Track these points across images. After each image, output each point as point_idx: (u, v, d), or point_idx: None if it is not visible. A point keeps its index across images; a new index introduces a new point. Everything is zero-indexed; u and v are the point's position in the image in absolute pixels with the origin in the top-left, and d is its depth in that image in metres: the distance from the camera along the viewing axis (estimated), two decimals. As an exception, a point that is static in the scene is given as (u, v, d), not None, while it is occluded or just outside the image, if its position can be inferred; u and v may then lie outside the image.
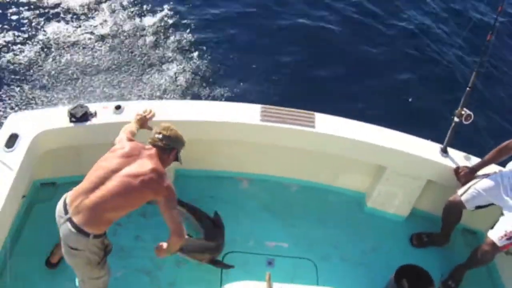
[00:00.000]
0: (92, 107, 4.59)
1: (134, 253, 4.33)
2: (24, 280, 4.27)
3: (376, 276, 4.62)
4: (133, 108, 4.59)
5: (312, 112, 4.85)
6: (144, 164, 3.65)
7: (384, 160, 4.86)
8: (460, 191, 4.59)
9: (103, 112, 4.58)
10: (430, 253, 4.95)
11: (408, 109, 7.80)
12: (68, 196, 3.61)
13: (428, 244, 5.01)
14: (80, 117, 4.49)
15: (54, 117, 4.55)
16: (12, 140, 4.31)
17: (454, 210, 4.67)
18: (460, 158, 4.80)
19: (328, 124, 4.77)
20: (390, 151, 4.68)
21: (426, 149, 4.79)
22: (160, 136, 3.81)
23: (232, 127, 4.71)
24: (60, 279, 4.32)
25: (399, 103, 7.96)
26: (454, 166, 4.72)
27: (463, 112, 4.58)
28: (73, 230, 3.49)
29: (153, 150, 3.79)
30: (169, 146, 3.84)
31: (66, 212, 3.54)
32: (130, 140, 3.88)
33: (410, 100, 7.83)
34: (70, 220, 3.51)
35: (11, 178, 4.06)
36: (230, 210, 5.04)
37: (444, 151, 4.79)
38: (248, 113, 4.77)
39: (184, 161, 3.96)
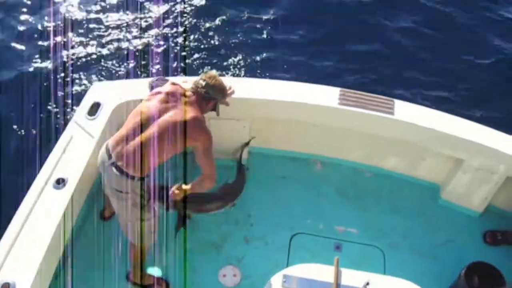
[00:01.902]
0: (172, 80, 4.67)
1: (204, 226, 4.42)
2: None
3: (446, 270, 4.54)
4: (213, 84, 4.65)
5: (391, 99, 4.77)
6: (182, 112, 3.74)
7: (462, 152, 4.72)
8: None
9: (183, 85, 4.65)
10: (503, 252, 4.79)
11: (491, 99, 7.55)
12: (110, 141, 3.76)
13: (502, 242, 4.85)
14: (160, 89, 4.59)
15: (136, 88, 4.67)
16: (94, 108, 4.47)
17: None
18: (543, 156, 4.61)
19: (407, 112, 4.67)
20: (469, 143, 4.55)
21: (508, 144, 4.62)
22: (204, 83, 3.89)
23: (309, 109, 4.70)
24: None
25: (481, 91, 7.70)
26: None
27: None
28: (117, 173, 3.66)
29: (193, 97, 3.88)
30: (209, 95, 3.91)
31: (109, 157, 3.70)
32: (172, 83, 4.01)
33: (494, 90, 7.61)
34: (114, 164, 3.66)
35: (92, 145, 4.21)
36: (302, 191, 5.07)
37: None
38: (326, 95, 4.73)
39: (259, 139, 4.01)
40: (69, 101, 6.88)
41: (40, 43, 7.68)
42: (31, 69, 7.33)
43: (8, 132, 6.48)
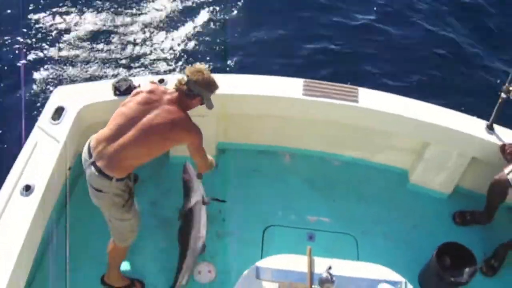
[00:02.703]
0: (136, 81, 4.65)
1: (175, 225, 4.39)
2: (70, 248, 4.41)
3: (418, 253, 4.60)
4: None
5: (355, 87, 4.81)
6: (163, 113, 3.68)
7: (428, 136, 4.79)
8: (506, 170, 4.49)
9: (148, 85, 4.62)
10: (473, 232, 4.88)
11: (452, 84, 7.65)
12: (92, 140, 3.73)
13: (471, 222, 4.93)
14: (124, 90, 4.56)
15: (99, 91, 4.64)
16: (58, 113, 4.42)
17: (499, 188, 4.56)
18: (506, 136, 4.67)
19: (371, 99, 4.72)
20: (434, 126, 4.61)
21: (472, 125, 4.70)
22: (186, 79, 3.78)
23: (274, 101, 4.71)
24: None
25: (442, 77, 7.81)
26: (500, 143, 4.61)
27: (511, 88, 4.46)
28: (96, 173, 3.62)
29: (175, 95, 3.79)
30: (192, 92, 3.79)
31: (90, 156, 3.67)
32: (152, 82, 3.96)
33: (454, 75, 7.72)
34: (94, 164, 3.63)
35: (58, 150, 4.16)
36: (272, 184, 5.09)
37: (490, 128, 4.68)
38: (290, 87, 4.75)
39: (226, 134, 3.99)
40: (32, 106, 6.77)
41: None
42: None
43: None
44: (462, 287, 4.29)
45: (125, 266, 4.40)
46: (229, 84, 4.73)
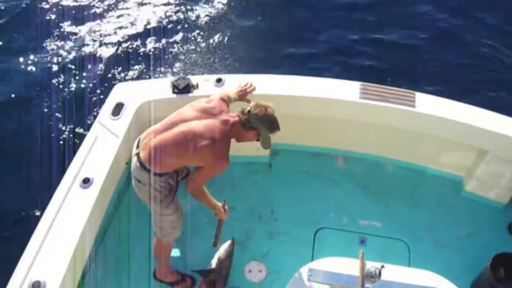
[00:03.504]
0: (194, 79, 4.73)
1: (228, 224, 4.46)
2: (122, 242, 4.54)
3: (471, 262, 4.52)
4: (234, 82, 4.68)
5: (412, 91, 4.75)
6: (212, 127, 3.70)
7: (486, 143, 4.70)
8: None
9: (204, 84, 4.71)
10: None
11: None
12: (144, 133, 3.83)
13: (528, 234, 4.84)
14: (182, 88, 4.64)
15: (158, 88, 4.73)
16: (118, 108, 4.53)
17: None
18: None
19: (428, 104, 4.66)
20: (494, 134, 4.51)
21: None
22: (248, 109, 3.78)
23: (330, 104, 4.70)
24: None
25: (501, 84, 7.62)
26: None
27: None
28: (137, 164, 3.73)
29: (234, 119, 3.79)
30: (249, 124, 3.78)
31: (137, 146, 3.78)
32: (221, 99, 3.93)
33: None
34: (137, 154, 3.74)
35: (116, 145, 4.27)
36: (325, 186, 5.09)
37: None
38: (347, 90, 4.74)
39: (281, 135, 3.99)
40: (93, 102, 6.97)
41: (59, 43, 7.79)
42: (53, 70, 7.45)
43: (34, 133, 6.58)
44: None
45: (176, 262, 4.50)
46: (285, 84, 4.76)
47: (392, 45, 8.03)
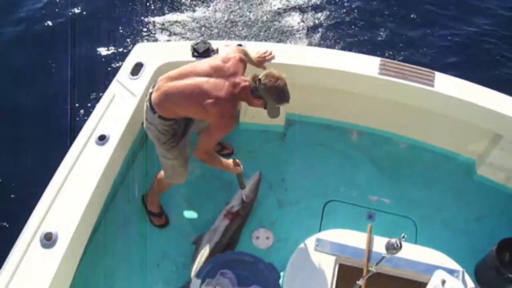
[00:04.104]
0: (214, 44, 4.72)
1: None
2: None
3: (477, 245, 4.54)
4: (254, 49, 4.67)
5: (432, 71, 4.72)
6: (219, 86, 3.71)
7: (502, 128, 4.67)
8: None
9: (224, 49, 4.69)
10: None
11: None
12: (163, 75, 3.93)
13: (537, 220, 4.84)
14: (202, 52, 4.63)
15: (178, 51, 4.73)
16: (137, 68, 4.54)
17: None
18: None
19: (447, 84, 4.62)
20: (510, 119, 4.49)
21: None
22: (258, 77, 3.74)
23: (349, 77, 4.69)
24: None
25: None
26: None
27: None
28: (147, 104, 3.87)
29: (245, 83, 3.78)
30: (257, 92, 3.75)
31: (153, 86, 3.90)
32: (240, 60, 3.91)
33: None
34: (150, 94, 3.86)
35: (134, 104, 4.30)
36: (337, 159, 5.11)
37: None
38: (367, 65, 4.71)
39: (297, 106, 3.99)
40: (112, 61, 6.99)
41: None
42: (73, 24, 7.46)
43: (51, 90, 6.63)
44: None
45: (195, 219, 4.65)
46: (305, 55, 4.75)
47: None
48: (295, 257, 3.80)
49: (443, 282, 3.51)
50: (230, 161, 4.21)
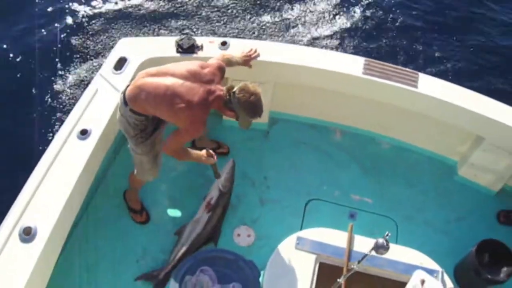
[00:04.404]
0: (199, 40, 4.70)
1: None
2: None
3: (457, 246, 4.57)
4: (239, 46, 4.67)
5: (416, 72, 4.74)
6: (195, 92, 3.66)
7: (484, 130, 4.70)
8: None
9: (209, 46, 4.68)
10: None
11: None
12: (143, 71, 3.91)
13: (516, 223, 4.88)
14: (187, 48, 4.61)
15: (162, 46, 4.71)
16: (120, 63, 4.52)
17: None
18: None
19: (431, 86, 4.64)
20: (492, 122, 4.51)
21: None
22: (233, 90, 3.72)
23: (333, 76, 4.69)
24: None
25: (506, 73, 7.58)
26: None
27: None
28: (122, 95, 3.84)
29: (219, 92, 3.75)
30: (230, 104, 3.74)
31: (132, 79, 3.89)
32: (218, 67, 3.91)
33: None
34: (127, 87, 3.84)
35: (117, 99, 4.26)
36: (320, 158, 5.11)
37: None
38: (351, 64, 4.72)
39: (281, 104, 3.98)
40: (96, 55, 6.94)
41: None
42: (58, 23, 7.37)
43: (33, 84, 6.56)
44: (497, 286, 4.27)
45: (176, 217, 4.64)
46: (290, 53, 4.74)
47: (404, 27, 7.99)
48: (276, 255, 3.80)
49: (422, 282, 3.53)
50: (203, 152, 4.19)
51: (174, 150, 3.95)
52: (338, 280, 3.38)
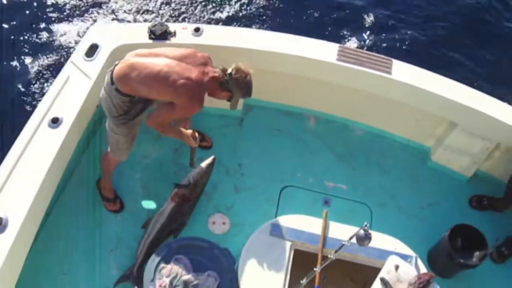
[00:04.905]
0: (172, 26, 4.65)
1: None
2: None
3: (430, 231, 4.62)
4: (212, 32, 4.63)
5: (390, 58, 4.76)
6: (191, 71, 3.70)
7: (456, 116, 4.75)
8: None
9: (182, 32, 4.64)
10: (488, 217, 4.87)
11: (489, 68, 7.54)
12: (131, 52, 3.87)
13: (488, 207, 4.93)
14: (159, 35, 4.57)
15: (135, 32, 4.65)
16: (92, 50, 4.45)
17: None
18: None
19: (404, 72, 4.66)
20: (465, 108, 4.55)
21: (502, 111, 4.62)
22: (229, 70, 3.78)
23: (307, 63, 4.68)
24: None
25: (479, 61, 7.67)
26: None
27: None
28: (109, 74, 3.78)
29: (214, 74, 3.79)
30: (226, 85, 3.80)
31: (104, 67, 3.89)
32: (208, 57, 3.93)
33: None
34: (115, 65, 3.78)
35: (88, 87, 4.21)
36: (294, 145, 5.11)
37: None
38: (325, 51, 4.72)
39: (255, 91, 3.97)
40: (67, 42, 6.83)
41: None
42: (28, 3, 7.25)
43: (1, 72, 6.44)
44: (469, 270, 4.32)
45: (150, 205, 4.60)
46: (263, 40, 4.72)
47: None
48: (251, 243, 3.79)
49: (397, 267, 3.57)
50: (190, 131, 4.18)
51: (160, 123, 3.91)
52: (314, 269, 3.39)
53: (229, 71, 3.78)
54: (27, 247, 3.70)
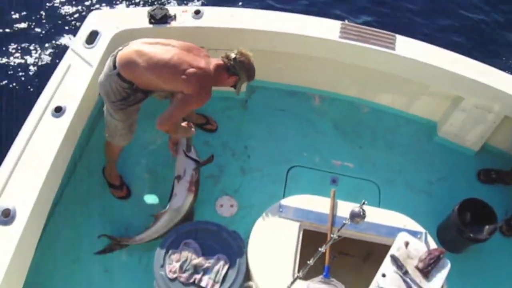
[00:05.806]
0: (172, 10, 4.61)
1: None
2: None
3: (439, 206, 4.61)
4: (213, 14, 4.59)
5: (393, 34, 4.70)
6: (196, 61, 3.71)
7: (462, 90, 4.70)
8: None
9: (182, 15, 4.60)
10: (496, 191, 4.86)
11: (494, 40, 7.47)
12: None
13: (496, 181, 4.91)
14: (160, 19, 4.53)
15: (134, 17, 4.61)
16: (92, 36, 4.41)
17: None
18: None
19: (408, 48, 4.62)
20: (471, 81, 4.51)
21: (509, 83, 4.57)
22: (233, 55, 3.80)
23: (309, 42, 4.64)
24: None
25: (483, 33, 7.60)
26: None
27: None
28: (112, 58, 3.75)
29: (218, 62, 3.83)
30: (233, 69, 3.82)
31: (127, 45, 3.79)
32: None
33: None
34: (119, 51, 3.75)
35: (90, 74, 4.18)
36: (299, 125, 5.09)
37: None
38: (327, 28, 4.67)
39: (258, 72, 3.94)
40: (67, 29, 6.78)
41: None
42: None
43: (2, 62, 6.42)
44: (479, 244, 4.31)
45: (151, 199, 4.58)
46: (265, 20, 4.68)
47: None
48: (259, 224, 3.78)
49: (407, 244, 3.55)
50: (185, 123, 4.17)
51: (174, 122, 3.88)
52: (320, 249, 3.37)
53: (232, 56, 3.80)
54: (36, 237, 3.70)
